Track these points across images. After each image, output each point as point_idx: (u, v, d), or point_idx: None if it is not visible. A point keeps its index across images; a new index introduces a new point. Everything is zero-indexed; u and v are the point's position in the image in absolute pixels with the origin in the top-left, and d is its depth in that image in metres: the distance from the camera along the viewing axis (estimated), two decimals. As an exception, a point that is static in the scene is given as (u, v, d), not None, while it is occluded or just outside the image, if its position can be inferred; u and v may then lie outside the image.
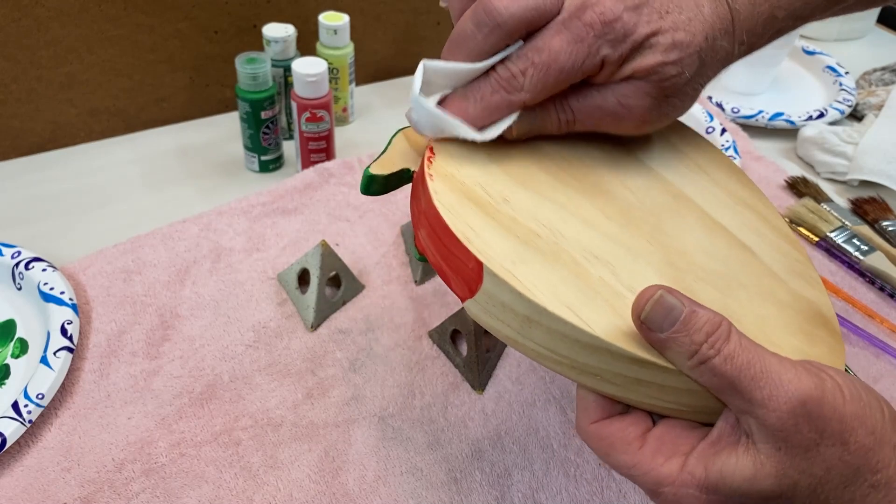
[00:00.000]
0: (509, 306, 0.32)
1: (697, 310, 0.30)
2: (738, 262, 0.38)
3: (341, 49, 0.77)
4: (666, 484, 0.31)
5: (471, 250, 0.32)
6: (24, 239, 0.64)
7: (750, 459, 0.30)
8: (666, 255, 0.36)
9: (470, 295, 0.33)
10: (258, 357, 0.55)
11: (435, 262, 0.35)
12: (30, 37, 0.70)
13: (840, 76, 0.92)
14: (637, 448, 0.32)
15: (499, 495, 0.48)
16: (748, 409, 0.29)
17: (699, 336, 0.29)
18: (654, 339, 0.30)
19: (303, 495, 0.47)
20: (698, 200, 0.40)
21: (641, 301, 0.30)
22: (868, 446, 0.29)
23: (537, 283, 0.32)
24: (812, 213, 0.71)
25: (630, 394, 0.32)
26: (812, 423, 0.29)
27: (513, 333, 0.33)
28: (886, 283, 0.65)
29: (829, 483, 0.29)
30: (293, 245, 0.64)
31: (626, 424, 0.33)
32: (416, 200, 0.38)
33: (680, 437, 0.32)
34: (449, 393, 0.54)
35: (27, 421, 0.48)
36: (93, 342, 0.55)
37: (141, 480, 0.47)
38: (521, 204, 0.36)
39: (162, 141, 0.79)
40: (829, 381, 0.29)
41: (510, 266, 0.32)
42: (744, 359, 0.29)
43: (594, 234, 0.36)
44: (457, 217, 0.34)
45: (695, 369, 0.30)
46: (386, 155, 0.42)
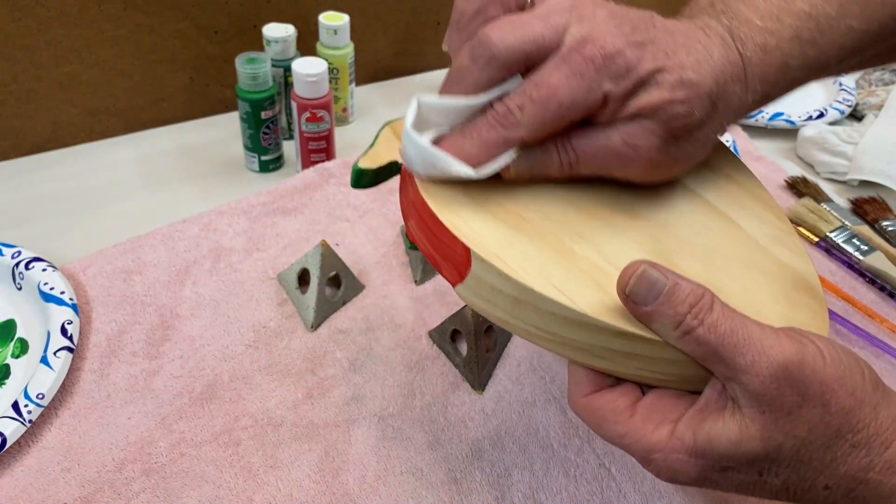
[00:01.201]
0: (498, 289, 0.33)
1: (680, 282, 0.31)
2: (722, 233, 0.38)
3: (341, 49, 0.77)
4: (656, 450, 0.32)
5: (458, 237, 0.33)
6: (24, 239, 0.64)
7: (736, 423, 0.31)
8: (649, 230, 0.37)
9: (460, 280, 0.34)
10: (258, 357, 0.55)
11: (425, 250, 0.36)
12: (30, 37, 0.70)
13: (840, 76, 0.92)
14: (627, 417, 0.33)
15: (499, 495, 0.48)
16: (732, 375, 0.30)
17: (683, 307, 0.30)
18: (640, 312, 0.31)
19: (303, 495, 0.47)
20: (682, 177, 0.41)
21: (626, 276, 0.31)
22: (848, 407, 0.30)
23: (524, 265, 0.33)
24: (812, 213, 0.71)
25: (619, 367, 0.33)
26: (794, 387, 0.30)
27: (503, 315, 0.33)
28: (886, 283, 0.65)
29: (812, 444, 0.30)
30: (293, 245, 0.64)
31: (616, 395, 0.34)
32: (403, 191, 0.38)
33: (669, 405, 0.33)
34: (449, 393, 0.54)
35: (27, 421, 0.48)
36: (93, 342, 0.55)
37: (141, 480, 0.47)
38: (506, 189, 0.36)
39: (162, 141, 0.79)
40: (810, 346, 0.30)
41: (497, 250, 0.33)
42: (726, 327, 0.30)
43: (579, 214, 0.36)
44: (443, 205, 0.35)
45: (680, 340, 0.31)
46: (374, 149, 0.42)
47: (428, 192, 0.35)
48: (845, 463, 0.31)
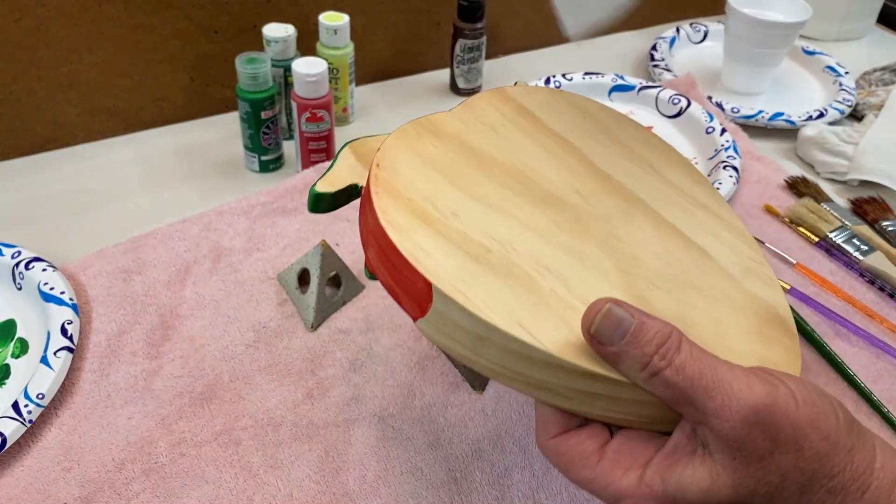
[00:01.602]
0: (460, 325, 0.32)
1: (647, 321, 0.30)
2: (693, 264, 0.37)
3: (341, 49, 0.77)
4: (625, 497, 0.31)
5: (419, 270, 0.32)
6: (24, 239, 0.64)
7: (706, 470, 0.30)
8: (619, 262, 0.36)
9: (421, 314, 0.33)
10: (258, 357, 0.55)
11: (385, 281, 0.35)
12: (30, 37, 0.70)
13: (840, 76, 0.92)
14: (595, 462, 0.32)
15: (499, 495, 0.48)
16: (702, 419, 0.29)
17: (649, 348, 0.29)
18: (606, 352, 0.30)
19: (303, 495, 0.47)
20: (651, 203, 0.40)
21: (590, 315, 0.30)
22: (823, 451, 0.29)
23: (488, 301, 0.31)
24: (812, 213, 0.71)
25: (586, 407, 0.32)
26: (765, 431, 0.29)
27: (466, 352, 0.32)
28: (886, 283, 0.65)
29: (785, 490, 0.29)
30: (293, 245, 0.64)
31: (583, 438, 0.33)
32: (363, 219, 0.37)
33: (637, 448, 0.32)
34: (449, 393, 0.54)
35: (27, 421, 0.48)
36: (93, 342, 0.55)
37: (141, 480, 0.47)
38: (471, 218, 0.35)
39: (162, 141, 0.79)
40: (782, 388, 0.29)
41: (460, 285, 0.32)
42: (695, 369, 0.29)
43: (546, 246, 0.35)
44: (404, 236, 0.33)
45: (647, 381, 0.30)
46: (333, 171, 0.40)
47: (388, 221, 0.34)
48: None
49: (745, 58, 0.88)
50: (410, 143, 0.39)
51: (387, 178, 0.36)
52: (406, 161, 0.37)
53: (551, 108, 0.45)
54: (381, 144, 0.38)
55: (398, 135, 0.39)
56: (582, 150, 0.42)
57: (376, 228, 0.34)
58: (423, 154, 0.38)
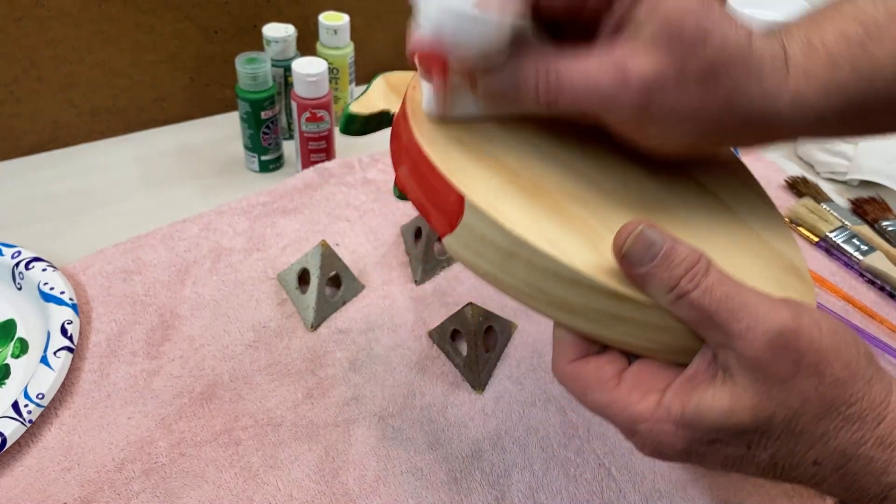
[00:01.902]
0: (490, 240, 0.32)
1: (677, 245, 0.30)
2: (713, 213, 0.38)
3: (341, 49, 0.77)
4: (642, 420, 0.31)
5: (453, 183, 0.32)
6: (24, 239, 0.64)
7: (727, 392, 0.30)
8: (643, 201, 0.36)
9: (450, 230, 0.33)
10: (258, 357, 0.55)
11: (415, 198, 0.35)
12: (30, 37, 0.70)
13: None
14: (613, 386, 0.32)
15: (499, 495, 0.48)
16: (726, 342, 0.29)
17: (678, 270, 0.30)
18: (635, 273, 0.30)
19: (303, 495, 0.47)
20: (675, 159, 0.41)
21: (623, 235, 0.30)
22: (843, 379, 0.29)
23: (519, 218, 0.32)
24: (812, 213, 0.71)
25: (607, 331, 0.32)
26: (789, 355, 0.29)
27: (492, 269, 0.32)
28: (886, 283, 0.65)
29: (804, 415, 0.30)
30: (293, 245, 0.64)
31: (602, 363, 0.33)
32: (396, 138, 0.37)
33: (656, 374, 0.32)
34: (449, 393, 0.54)
35: (27, 421, 0.48)
36: (93, 342, 0.55)
37: (141, 480, 0.47)
38: (504, 146, 0.36)
39: (162, 141, 0.79)
40: (806, 315, 0.30)
41: (492, 200, 0.32)
42: (722, 292, 0.29)
43: (575, 178, 0.36)
44: (439, 151, 0.34)
45: (674, 303, 0.30)
46: (366, 95, 0.41)
47: (424, 137, 0.34)
48: (836, 437, 0.30)
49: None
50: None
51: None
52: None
53: None
54: (414, 75, 0.39)
55: None
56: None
57: (411, 143, 0.35)
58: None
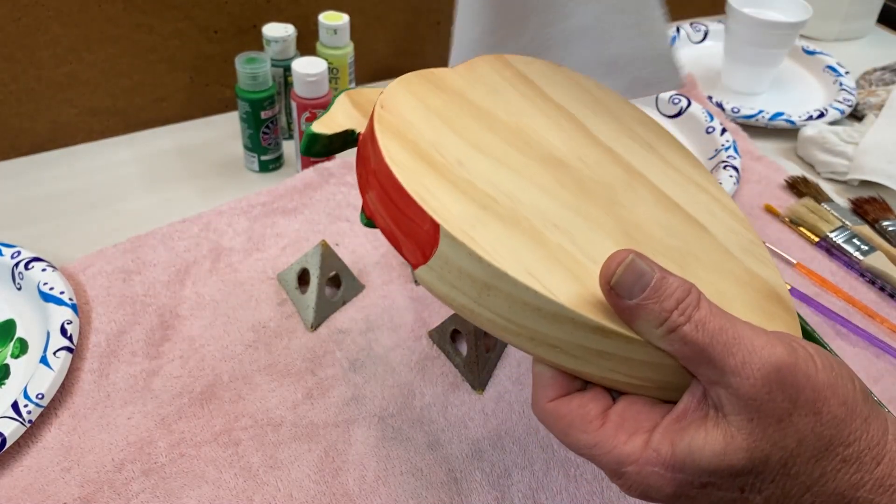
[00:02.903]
0: (466, 272, 0.30)
1: (667, 276, 0.29)
2: (693, 237, 0.37)
3: (341, 49, 0.77)
4: (629, 463, 0.29)
5: (426, 210, 0.31)
6: (24, 239, 0.64)
7: (720, 433, 0.28)
8: (622, 226, 0.35)
9: (423, 261, 0.31)
10: (258, 357, 0.55)
11: (385, 226, 0.33)
12: (30, 37, 0.70)
13: (840, 76, 0.92)
14: (598, 426, 0.30)
15: (499, 495, 0.48)
16: (719, 378, 0.28)
17: (669, 303, 0.28)
18: (623, 306, 0.29)
19: (303, 495, 0.47)
20: (652, 177, 0.40)
21: (612, 265, 0.29)
22: (840, 417, 0.28)
23: (497, 248, 0.30)
24: (812, 213, 0.70)
25: (591, 367, 0.31)
26: (785, 391, 0.28)
27: (469, 302, 0.31)
28: (886, 283, 0.65)
29: (800, 456, 0.28)
30: (293, 245, 0.64)
31: (585, 401, 0.31)
32: (363, 161, 0.36)
33: (642, 413, 0.31)
34: (449, 393, 0.54)
35: (27, 421, 0.48)
36: (92, 342, 0.55)
37: (141, 480, 0.47)
38: (477, 168, 0.34)
39: (162, 141, 0.79)
40: (801, 350, 0.29)
41: (468, 228, 0.30)
42: (715, 325, 0.28)
43: (551, 203, 0.34)
44: (411, 176, 0.32)
45: (664, 338, 0.29)
46: (329, 115, 0.39)
47: (394, 160, 0.32)
48: (834, 479, 0.28)
49: (745, 58, 0.88)
50: (414, 90, 0.38)
51: (391, 120, 0.35)
52: (410, 106, 0.36)
53: (551, 79, 0.44)
54: (380, 94, 0.37)
55: (401, 82, 0.38)
56: (582, 121, 0.41)
57: (380, 167, 0.33)
58: (427, 103, 0.37)
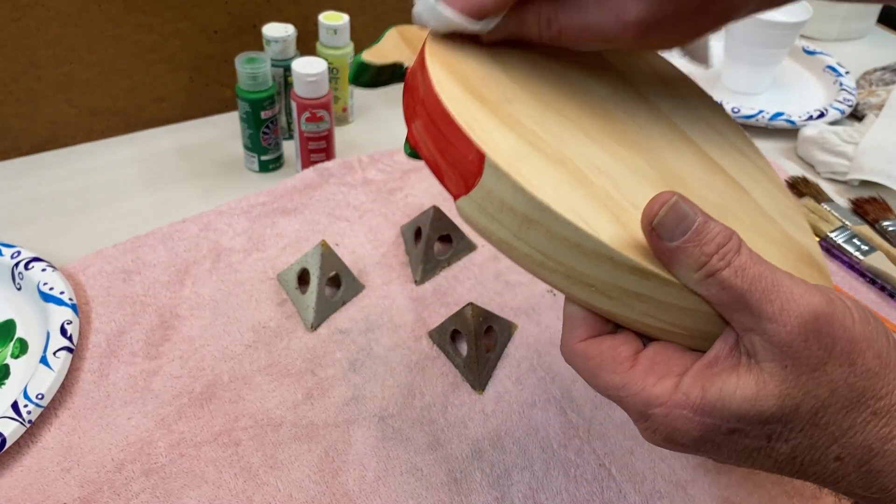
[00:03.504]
0: (508, 204, 0.30)
1: (709, 220, 0.29)
2: (734, 197, 0.37)
3: (341, 49, 0.77)
4: (657, 404, 0.29)
5: (473, 140, 0.30)
6: (24, 239, 0.64)
7: (753, 378, 0.28)
8: (665, 178, 0.35)
9: (465, 191, 0.31)
10: (258, 357, 0.55)
11: (429, 155, 0.33)
12: (30, 37, 0.70)
13: (840, 76, 0.92)
14: (628, 367, 0.30)
15: (499, 495, 0.48)
16: (755, 325, 0.28)
17: (710, 247, 0.28)
18: (663, 248, 0.29)
19: (303, 495, 0.47)
20: (698, 141, 0.40)
21: (655, 206, 0.29)
22: (874, 370, 0.28)
23: (542, 183, 0.30)
24: (812, 213, 0.70)
25: (625, 310, 0.30)
26: (822, 340, 0.27)
27: (508, 235, 0.31)
28: (887, 283, 0.65)
29: (831, 406, 0.28)
30: (293, 245, 0.64)
31: (616, 343, 0.31)
32: (411, 91, 0.36)
33: (673, 357, 0.31)
34: (449, 393, 0.54)
35: (27, 421, 0.48)
36: (92, 342, 0.55)
37: (141, 480, 0.47)
38: (525, 106, 0.34)
39: (162, 141, 0.79)
40: (839, 301, 0.28)
41: (515, 161, 0.30)
42: (755, 271, 0.28)
43: (597, 149, 0.34)
44: (460, 106, 0.32)
45: (702, 282, 0.28)
46: (379, 46, 0.39)
47: (444, 89, 0.32)
48: (863, 431, 0.28)
49: (745, 58, 0.88)
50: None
51: (442, 52, 0.35)
52: (459, 43, 0.36)
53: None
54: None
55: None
56: (625, 76, 0.41)
57: (428, 96, 0.33)
58: (476, 44, 0.37)
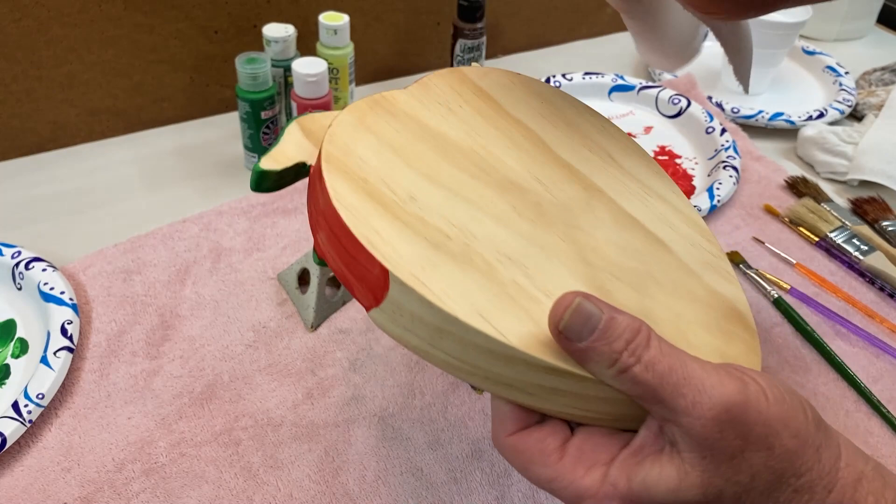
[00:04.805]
0: (418, 316, 0.30)
1: (616, 316, 0.29)
2: (653, 257, 0.36)
3: (341, 49, 0.77)
4: (587, 497, 0.30)
5: (375, 256, 0.30)
6: (24, 239, 0.64)
7: (674, 468, 0.29)
8: (580, 252, 0.35)
9: (375, 304, 0.31)
10: (258, 357, 0.55)
11: (336, 268, 0.33)
12: (30, 37, 0.70)
13: (840, 76, 0.92)
14: (556, 460, 0.31)
15: (499, 495, 0.48)
16: (671, 417, 0.28)
17: (619, 344, 0.28)
18: (573, 349, 0.29)
19: (303, 495, 0.47)
20: (610, 192, 0.39)
21: (559, 310, 0.29)
22: (792, 450, 0.29)
23: (448, 291, 0.30)
24: (812, 213, 0.71)
25: (547, 404, 0.31)
26: (737, 430, 0.28)
27: (422, 344, 0.31)
28: (886, 283, 0.65)
29: (753, 490, 0.29)
30: (293, 245, 0.64)
31: (543, 435, 0.31)
32: (313, 200, 0.35)
33: (600, 445, 0.31)
34: (449, 393, 0.54)
35: (27, 421, 0.48)
36: (93, 342, 0.55)
37: (141, 480, 0.47)
38: (429, 202, 0.33)
39: (162, 141, 0.79)
40: (753, 385, 0.29)
41: (419, 272, 0.30)
42: (665, 365, 0.28)
43: (506, 234, 0.34)
44: (359, 219, 0.31)
45: (615, 378, 0.29)
46: (279, 147, 0.38)
47: (341, 203, 0.31)
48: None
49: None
50: (364, 120, 0.37)
51: (339, 157, 0.34)
52: (360, 139, 0.35)
53: (509, 91, 0.43)
54: (332, 121, 0.36)
55: (351, 111, 0.37)
56: (540, 135, 0.41)
57: (328, 209, 0.32)
58: (378, 133, 0.36)
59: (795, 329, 0.60)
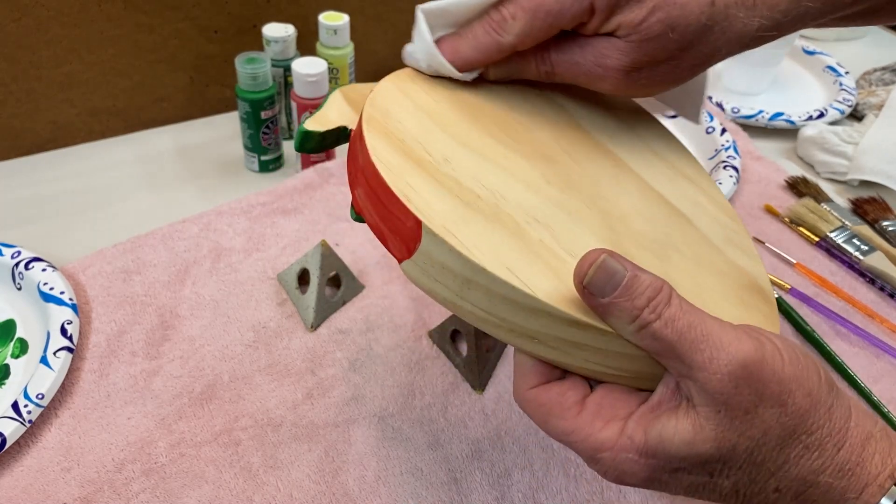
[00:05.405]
0: (448, 267, 0.31)
1: (639, 274, 0.30)
2: (676, 229, 0.37)
3: (341, 49, 0.77)
4: (604, 449, 0.31)
5: (410, 208, 0.31)
6: (24, 239, 0.64)
7: (689, 423, 0.30)
8: (605, 220, 0.36)
9: (408, 255, 0.32)
10: (258, 357, 0.55)
11: (372, 222, 0.34)
12: (30, 37, 0.70)
13: (840, 76, 0.92)
14: (575, 413, 0.32)
15: (499, 495, 0.48)
16: (688, 372, 0.29)
17: (640, 301, 0.29)
18: (596, 304, 0.30)
19: (303, 495, 0.47)
20: (638, 170, 0.40)
21: (584, 265, 0.30)
22: (804, 408, 0.30)
23: (478, 244, 0.31)
24: (812, 213, 0.71)
25: (569, 358, 0.32)
26: (752, 386, 0.29)
27: (451, 295, 0.32)
28: (886, 283, 0.65)
29: (766, 445, 0.30)
30: (293, 245, 0.64)
31: (564, 389, 0.32)
32: (353, 159, 0.37)
33: (618, 401, 0.32)
34: (449, 393, 0.54)
35: (27, 421, 0.48)
36: (93, 342, 0.55)
37: (141, 480, 0.47)
38: (463, 165, 0.35)
39: (162, 141, 0.79)
40: (769, 344, 0.30)
41: (450, 225, 0.31)
42: (684, 322, 0.29)
43: (535, 198, 0.35)
44: (396, 175, 0.33)
45: (636, 334, 0.30)
46: (322, 111, 0.40)
47: (380, 159, 0.33)
48: (797, 465, 0.30)
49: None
50: (404, 87, 0.39)
51: (379, 119, 0.36)
52: (399, 104, 0.37)
53: None
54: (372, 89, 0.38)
55: (392, 79, 0.39)
56: (570, 112, 0.42)
57: (367, 166, 0.34)
58: (416, 99, 0.38)
59: (795, 329, 0.60)
